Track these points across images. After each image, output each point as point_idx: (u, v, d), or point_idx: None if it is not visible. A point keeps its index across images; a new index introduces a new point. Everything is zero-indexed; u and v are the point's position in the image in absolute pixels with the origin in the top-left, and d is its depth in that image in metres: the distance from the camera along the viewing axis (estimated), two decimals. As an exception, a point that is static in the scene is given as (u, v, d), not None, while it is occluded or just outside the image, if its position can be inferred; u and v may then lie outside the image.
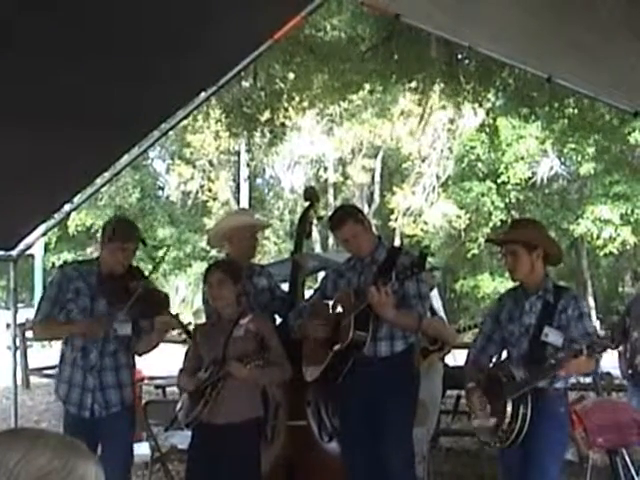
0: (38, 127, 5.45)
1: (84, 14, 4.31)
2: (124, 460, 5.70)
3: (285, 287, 6.64)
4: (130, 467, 5.96)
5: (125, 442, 5.76)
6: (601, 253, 28.23)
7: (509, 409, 4.85)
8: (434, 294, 8.25)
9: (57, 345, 6.08)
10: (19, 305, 8.15)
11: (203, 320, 6.77)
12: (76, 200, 8.05)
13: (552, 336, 4.93)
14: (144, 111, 5.99)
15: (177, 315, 5.75)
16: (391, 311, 5.35)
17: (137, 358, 5.96)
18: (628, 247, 27.36)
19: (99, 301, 5.67)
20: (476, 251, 29.76)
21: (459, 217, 28.71)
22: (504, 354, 5.43)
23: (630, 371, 7.41)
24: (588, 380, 8.60)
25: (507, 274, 5.42)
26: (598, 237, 26.67)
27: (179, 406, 5.77)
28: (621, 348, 7.39)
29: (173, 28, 4.98)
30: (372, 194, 33.65)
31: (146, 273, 5.98)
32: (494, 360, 5.42)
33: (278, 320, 6.40)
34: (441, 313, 8.22)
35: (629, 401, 7.76)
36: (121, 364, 5.73)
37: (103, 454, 5.48)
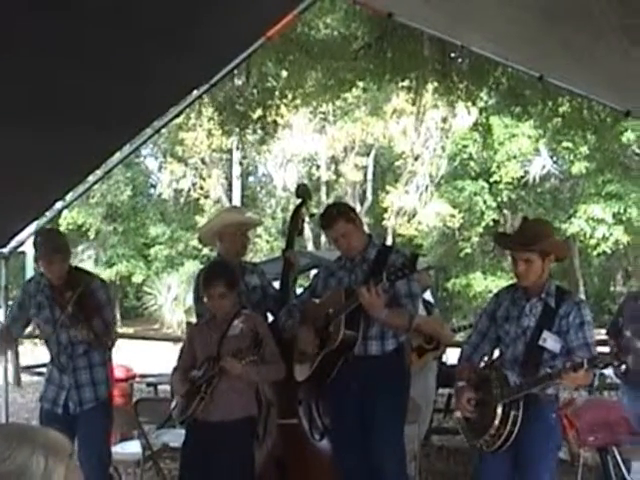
0: (30, 125, 5.44)
1: (75, 12, 4.30)
2: (100, 455, 5.88)
3: (277, 285, 6.64)
4: (107, 460, 6.09)
5: (99, 436, 5.93)
6: (594, 253, 28.28)
7: (499, 412, 4.78)
8: (426, 294, 8.25)
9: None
10: (10, 302, 8.12)
11: (193, 318, 6.76)
12: (68, 198, 8.04)
13: (550, 342, 4.85)
14: (136, 109, 5.98)
15: (94, 333, 5.74)
16: (382, 311, 5.34)
17: (128, 356, 6.03)
18: (621, 246, 27.40)
19: (56, 310, 5.88)
20: (469, 250, 29.80)
21: (453, 216, 28.70)
22: (496, 352, 5.37)
23: (623, 370, 7.42)
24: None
25: (499, 273, 5.37)
26: (591, 236, 26.70)
27: (174, 404, 5.78)
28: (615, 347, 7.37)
29: (165, 26, 4.97)
30: (364, 192, 33.63)
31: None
32: (487, 359, 5.38)
33: (270, 318, 6.39)
34: (435, 312, 8.22)
35: (621, 400, 7.77)
36: (94, 363, 5.94)
37: (79, 449, 5.68)
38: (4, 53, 4.40)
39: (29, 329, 6.42)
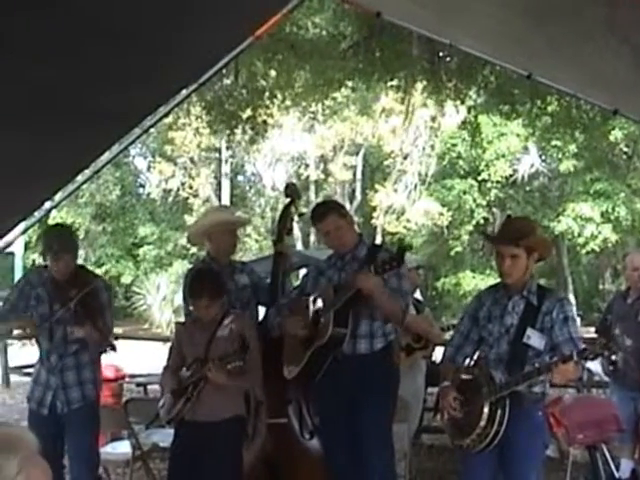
0: (18, 125, 5.42)
1: (65, 11, 4.29)
2: (88, 456, 5.88)
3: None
4: (96, 462, 6.11)
5: (87, 438, 5.90)
6: (583, 251, 28.35)
7: (486, 411, 4.76)
8: (416, 293, 8.26)
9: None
10: (-1, 303, 8.10)
11: (182, 317, 6.76)
12: (56, 198, 8.02)
13: (534, 339, 4.83)
14: (125, 108, 5.97)
15: (98, 330, 5.75)
16: (384, 291, 5.35)
17: (118, 356, 6.04)
18: (610, 245, 27.46)
19: (55, 306, 5.86)
20: (459, 249, 29.83)
21: (442, 215, 28.73)
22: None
23: (611, 368, 7.44)
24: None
25: (488, 271, 5.35)
26: (579, 235, 26.77)
27: (161, 403, 5.77)
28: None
29: (154, 25, 4.96)
30: (354, 191, 33.64)
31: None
32: (473, 359, 5.35)
33: (262, 312, 6.40)
34: (426, 310, 8.23)
35: (610, 398, 7.80)
36: (83, 363, 5.91)
37: (68, 451, 5.75)
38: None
39: (18, 330, 6.36)
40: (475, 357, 5.26)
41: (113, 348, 5.92)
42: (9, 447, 1.80)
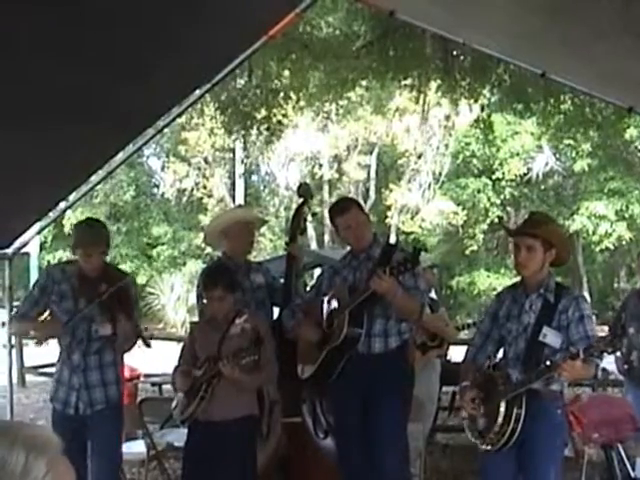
0: (33, 126, 5.45)
1: (76, 12, 4.31)
2: (110, 457, 5.76)
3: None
4: (119, 463, 6.05)
5: (110, 439, 5.79)
6: (597, 249, 28.26)
7: (502, 410, 4.76)
8: (431, 292, 8.26)
9: (53, 343, 6.07)
10: (14, 303, 8.11)
11: (196, 317, 6.77)
12: (71, 198, 8.05)
13: (550, 337, 4.83)
14: (139, 108, 5.99)
15: (137, 325, 5.72)
16: (398, 290, 5.34)
17: (133, 356, 6.01)
18: (624, 243, 27.36)
19: (81, 302, 5.71)
20: (474, 247, 29.74)
21: (456, 214, 28.67)
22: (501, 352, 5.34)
23: (626, 367, 7.42)
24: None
25: (503, 270, 5.34)
26: (594, 233, 26.69)
27: (174, 403, 5.78)
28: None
29: (167, 25, 4.97)
30: (367, 190, 33.59)
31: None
32: (494, 359, 5.34)
33: (277, 312, 6.40)
34: (441, 309, 8.22)
35: (625, 396, 7.77)
36: (106, 363, 5.77)
37: (91, 451, 5.61)
38: (5, 53, 4.40)
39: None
40: (495, 357, 5.26)
41: (148, 344, 5.79)
42: (37, 447, 1.80)
